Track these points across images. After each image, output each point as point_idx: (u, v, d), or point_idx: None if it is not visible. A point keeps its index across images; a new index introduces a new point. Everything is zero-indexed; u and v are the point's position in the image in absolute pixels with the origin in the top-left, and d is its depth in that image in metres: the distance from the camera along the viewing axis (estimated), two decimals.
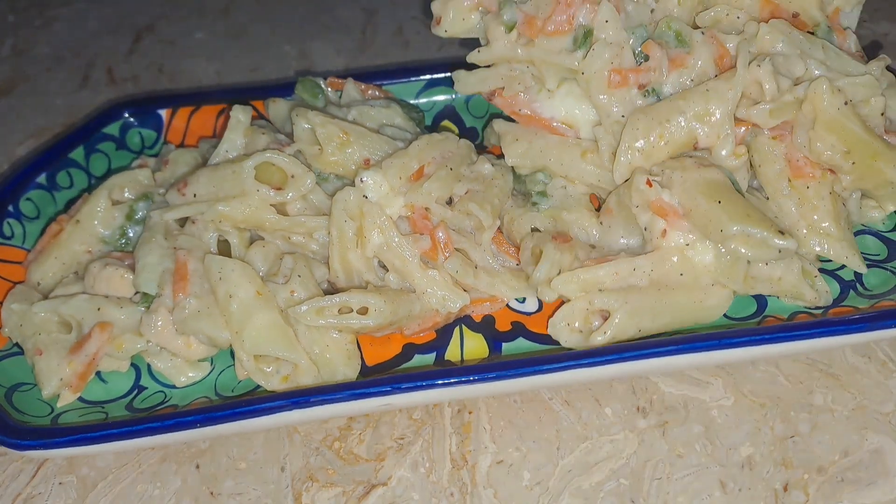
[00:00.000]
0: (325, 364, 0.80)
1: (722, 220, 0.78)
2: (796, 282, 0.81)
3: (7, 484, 0.79)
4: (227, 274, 0.80)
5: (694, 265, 0.81)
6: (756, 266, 0.81)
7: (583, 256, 0.84)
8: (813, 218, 0.85)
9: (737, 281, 0.81)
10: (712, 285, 0.81)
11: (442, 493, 0.75)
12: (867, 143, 0.83)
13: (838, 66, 0.86)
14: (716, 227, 0.78)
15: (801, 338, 0.76)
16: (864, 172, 0.84)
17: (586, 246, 0.86)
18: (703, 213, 0.79)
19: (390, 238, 0.82)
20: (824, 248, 0.85)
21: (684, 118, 0.83)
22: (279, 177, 0.85)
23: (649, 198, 0.81)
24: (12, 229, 0.94)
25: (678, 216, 0.80)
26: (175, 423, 0.74)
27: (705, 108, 0.82)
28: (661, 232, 0.81)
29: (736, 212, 0.78)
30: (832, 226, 0.85)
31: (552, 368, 0.74)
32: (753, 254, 0.78)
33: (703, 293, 0.80)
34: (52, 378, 0.80)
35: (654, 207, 0.81)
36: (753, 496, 0.73)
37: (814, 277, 0.83)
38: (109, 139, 1.05)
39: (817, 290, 0.83)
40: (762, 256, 0.79)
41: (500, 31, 0.88)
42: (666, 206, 0.81)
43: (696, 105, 0.83)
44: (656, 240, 0.81)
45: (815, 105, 0.82)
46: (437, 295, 0.83)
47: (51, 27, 1.52)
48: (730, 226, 0.77)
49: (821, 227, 0.85)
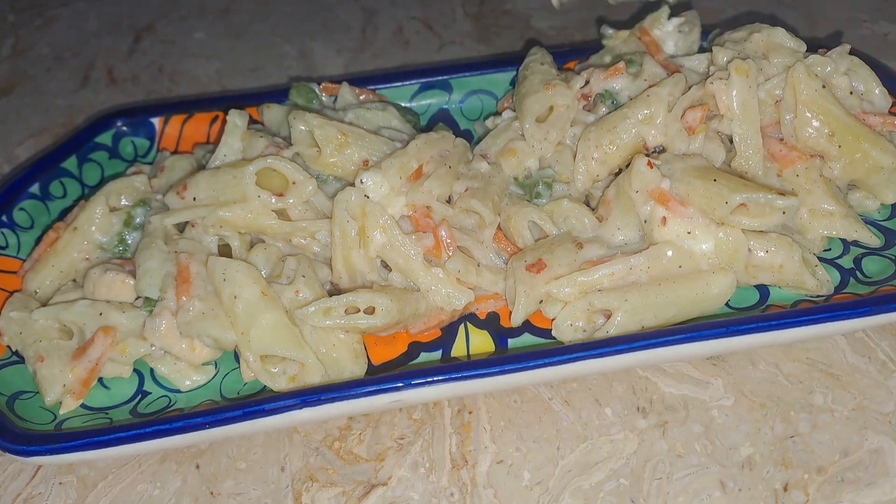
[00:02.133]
0: (332, 363, 0.80)
1: (723, 193, 0.80)
2: (798, 270, 0.82)
3: (7, 484, 0.79)
4: (232, 275, 0.80)
5: (693, 255, 0.81)
6: (756, 254, 0.81)
7: (578, 260, 0.84)
8: (811, 201, 0.86)
9: (738, 266, 0.81)
10: (713, 273, 0.81)
11: (442, 493, 0.75)
12: (849, 125, 0.86)
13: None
14: (719, 201, 0.79)
15: (807, 323, 0.76)
16: (852, 157, 0.87)
17: (572, 251, 0.84)
18: (701, 193, 0.81)
19: (393, 237, 0.82)
20: (831, 228, 0.86)
21: (630, 123, 0.88)
22: (280, 182, 0.85)
23: (649, 181, 0.82)
24: (6, 239, 0.93)
25: (678, 203, 0.82)
26: (183, 425, 0.73)
27: (648, 111, 0.88)
28: (660, 220, 0.81)
29: (734, 184, 0.81)
30: (831, 204, 0.86)
31: (563, 360, 0.74)
32: (759, 222, 0.80)
33: (705, 283, 0.81)
34: (55, 385, 0.80)
35: (654, 195, 0.82)
36: (753, 496, 0.73)
37: (814, 266, 0.84)
38: (102, 148, 1.05)
39: (819, 279, 0.83)
40: (768, 222, 0.80)
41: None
42: (666, 194, 0.82)
43: (638, 111, 0.88)
44: (657, 230, 0.82)
45: (795, 88, 0.86)
46: (441, 293, 0.83)
47: (51, 27, 1.52)
48: (733, 196, 0.79)
49: (821, 209, 0.86)
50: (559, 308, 0.81)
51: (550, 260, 0.82)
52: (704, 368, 0.83)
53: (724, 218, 0.80)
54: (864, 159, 0.87)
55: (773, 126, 0.90)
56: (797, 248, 0.82)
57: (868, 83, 0.92)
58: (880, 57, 1.04)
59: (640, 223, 0.84)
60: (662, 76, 0.92)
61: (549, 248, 0.84)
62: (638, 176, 0.83)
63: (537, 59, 1.01)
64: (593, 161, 0.89)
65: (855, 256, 0.88)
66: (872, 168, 0.87)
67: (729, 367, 0.83)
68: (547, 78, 0.95)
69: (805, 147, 0.88)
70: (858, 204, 0.91)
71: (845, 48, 0.93)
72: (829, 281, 0.83)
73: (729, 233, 0.81)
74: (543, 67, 0.99)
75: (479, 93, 1.10)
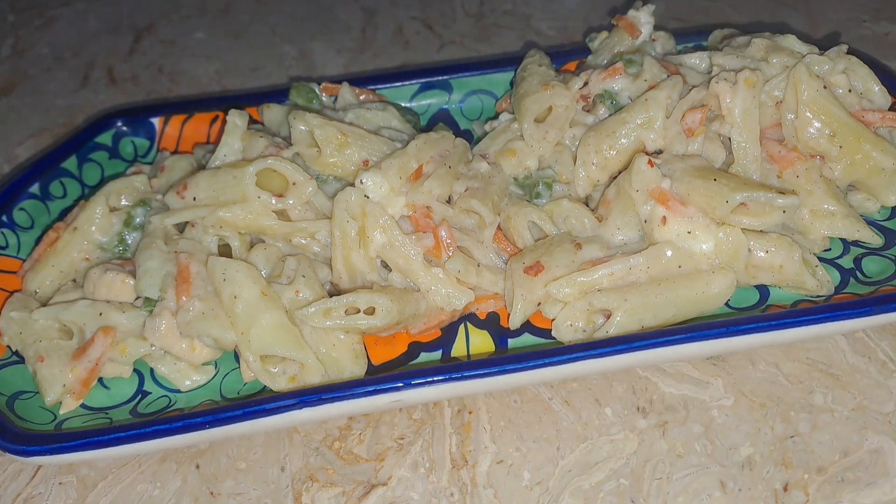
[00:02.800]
0: (332, 363, 0.80)
1: (723, 192, 0.80)
2: (798, 270, 0.82)
3: (7, 484, 0.79)
4: (232, 275, 0.80)
5: (693, 255, 0.81)
6: (756, 254, 0.81)
7: (578, 260, 0.84)
8: (812, 202, 0.86)
9: (738, 266, 0.81)
10: (713, 273, 0.81)
11: (442, 493, 0.75)
12: (851, 126, 0.87)
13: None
14: (719, 201, 0.80)
15: (807, 323, 0.76)
16: (853, 158, 0.87)
17: (571, 252, 0.84)
18: (702, 192, 0.81)
19: (393, 237, 0.82)
20: (833, 229, 0.86)
21: (629, 128, 0.88)
22: (280, 183, 0.85)
23: (650, 180, 0.82)
24: (6, 239, 0.93)
25: (678, 202, 0.82)
26: (183, 425, 0.73)
27: (647, 115, 0.88)
28: (660, 220, 0.81)
29: (735, 183, 0.81)
30: (832, 204, 0.86)
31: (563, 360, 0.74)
32: (760, 222, 0.80)
33: (704, 282, 0.81)
34: (55, 385, 0.80)
35: (654, 194, 0.82)
36: (753, 496, 0.73)
37: (815, 267, 0.84)
38: (102, 148, 1.05)
39: (819, 279, 0.83)
40: (768, 221, 0.80)
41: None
42: (666, 193, 0.82)
43: (637, 115, 0.88)
44: (657, 229, 0.82)
45: (797, 89, 0.86)
46: (441, 293, 0.83)
47: (51, 27, 1.52)
48: (733, 195, 0.79)
49: (822, 209, 0.87)
50: (559, 308, 0.81)
51: (549, 262, 0.82)
52: (704, 368, 0.83)
53: (725, 217, 0.80)
54: (865, 160, 0.87)
55: (774, 128, 0.90)
56: (797, 248, 0.82)
57: (867, 82, 0.92)
58: (880, 57, 1.04)
59: (639, 223, 0.84)
60: (663, 76, 0.92)
61: (547, 249, 0.84)
62: (638, 175, 0.83)
63: (535, 61, 1.01)
64: (593, 166, 0.90)
65: (855, 256, 0.88)
66: (873, 169, 0.87)
67: (729, 367, 0.83)
68: (545, 79, 0.96)
69: (806, 147, 0.88)
70: (859, 206, 0.91)
71: (842, 48, 0.93)
72: (829, 281, 0.83)
73: (729, 233, 0.81)
74: (542, 69, 0.99)
75: (478, 93, 1.10)
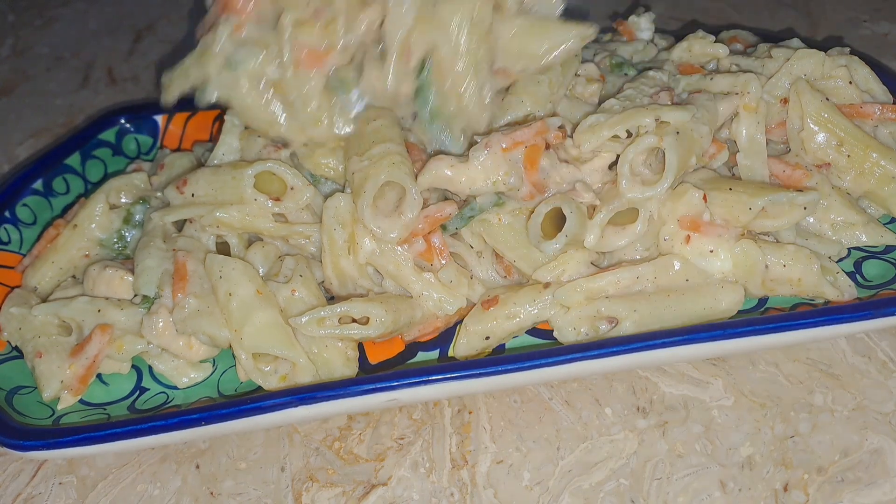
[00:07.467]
0: (323, 363, 0.80)
1: (744, 200, 0.80)
2: (817, 281, 0.80)
3: (7, 484, 0.79)
4: (228, 273, 0.80)
5: (708, 271, 0.81)
6: (774, 268, 0.81)
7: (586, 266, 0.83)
8: (830, 216, 0.87)
9: (755, 281, 0.81)
10: (722, 287, 0.80)
11: (442, 493, 0.75)
12: (857, 134, 0.87)
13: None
14: (742, 209, 0.80)
15: (807, 326, 0.76)
16: (861, 167, 0.87)
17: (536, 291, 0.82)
18: (721, 203, 0.81)
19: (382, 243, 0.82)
20: (857, 239, 0.86)
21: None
22: (278, 185, 0.85)
23: (698, 213, 0.81)
24: (9, 235, 0.94)
25: (710, 224, 0.81)
26: (179, 421, 0.73)
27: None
28: (684, 239, 0.81)
29: (753, 189, 0.81)
30: (851, 213, 0.86)
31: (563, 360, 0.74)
32: (783, 221, 0.80)
33: (713, 297, 0.80)
34: (53, 380, 0.80)
35: (685, 222, 0.81)
36: (753, 496, 0.73)
37: (836, 273, 0.82)
38: (106, 145, 1.05)
39: (839, 287, 0.81)
40: (791, 219, 0.80)
41: None
42: (701, 221, 0.81)
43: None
44: (677, 246, 0.81)
45: (802, 102, 0.87)
46: (433, 298, 0.82)
47: (51, 27, 1.52)
48: (755, 201, 0.79)
49: (842, 221, 0.87)
50: (563, 312, 0.81)
51: (506, 297, 0.81)
52: (704, 369, 0.83)
53: (749, 224, 0.80)
54: (873, 168, 0.86)
55: (780, 126, 0.90)
56: (815, 258, 0.81)
57: (867, 81, 0.92)
58: (880, 57, 1.05)
59: (654, 238, 0.83)
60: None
61: (518, 287, 0.83)
62: (686, 206, 0.81)
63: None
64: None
65: (855, 260, 0.87)
66: (883, 178, 0.86)
67: (729, 367, 0.83)
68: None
69: (814, 159, 0.88)
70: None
71: (844, 50, 0.93)
72: (850, 286, 0.81)
73: (744, 247, 0.80)
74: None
75: None
